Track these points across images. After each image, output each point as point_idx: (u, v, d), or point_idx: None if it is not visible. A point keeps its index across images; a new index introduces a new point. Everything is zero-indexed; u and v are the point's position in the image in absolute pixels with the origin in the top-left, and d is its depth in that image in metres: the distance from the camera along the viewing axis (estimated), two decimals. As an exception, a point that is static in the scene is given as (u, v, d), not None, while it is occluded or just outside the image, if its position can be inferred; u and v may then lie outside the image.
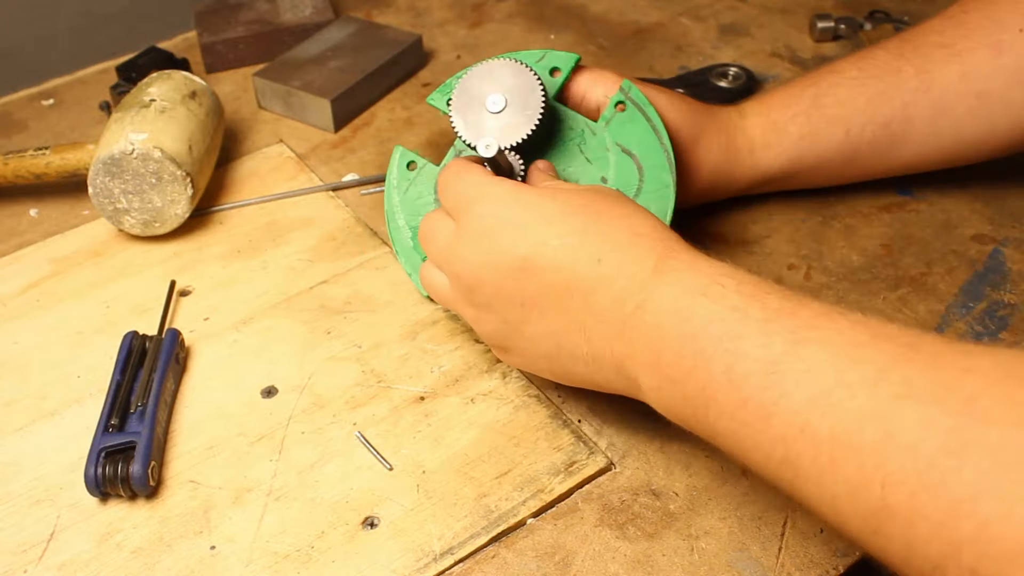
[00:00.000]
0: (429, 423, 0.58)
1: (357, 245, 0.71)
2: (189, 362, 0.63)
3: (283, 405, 0.59)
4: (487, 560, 0.51)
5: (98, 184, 0.68)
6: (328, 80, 0.83)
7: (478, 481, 0.55)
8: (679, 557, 0.51)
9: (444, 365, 0.62)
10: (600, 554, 0.51)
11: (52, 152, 0.73)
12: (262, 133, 0.84)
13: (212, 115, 0.75)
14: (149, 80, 0.75)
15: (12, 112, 0.88)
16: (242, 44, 0.91)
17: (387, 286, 0.68)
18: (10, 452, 0.57)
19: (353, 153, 0.81)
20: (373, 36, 0.89)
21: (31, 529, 0.53)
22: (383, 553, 0.51)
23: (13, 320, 0.66)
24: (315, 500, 0.54)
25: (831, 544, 0.51)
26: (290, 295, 0.67)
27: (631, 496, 0.54)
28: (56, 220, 0.75)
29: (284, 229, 0.73)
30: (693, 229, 0.71)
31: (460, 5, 1.00)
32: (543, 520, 0.53)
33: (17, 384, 0.62)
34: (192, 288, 0.68)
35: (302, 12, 0.93)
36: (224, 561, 0.51)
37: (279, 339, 0.64)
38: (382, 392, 0.60)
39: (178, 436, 0.58)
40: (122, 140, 0.67)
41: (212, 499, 0.54)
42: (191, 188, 0.69)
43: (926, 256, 0.68)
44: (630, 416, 0.58)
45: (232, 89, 0.89)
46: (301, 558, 0.51)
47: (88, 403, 0.60)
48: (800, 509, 0.53)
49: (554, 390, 0.60)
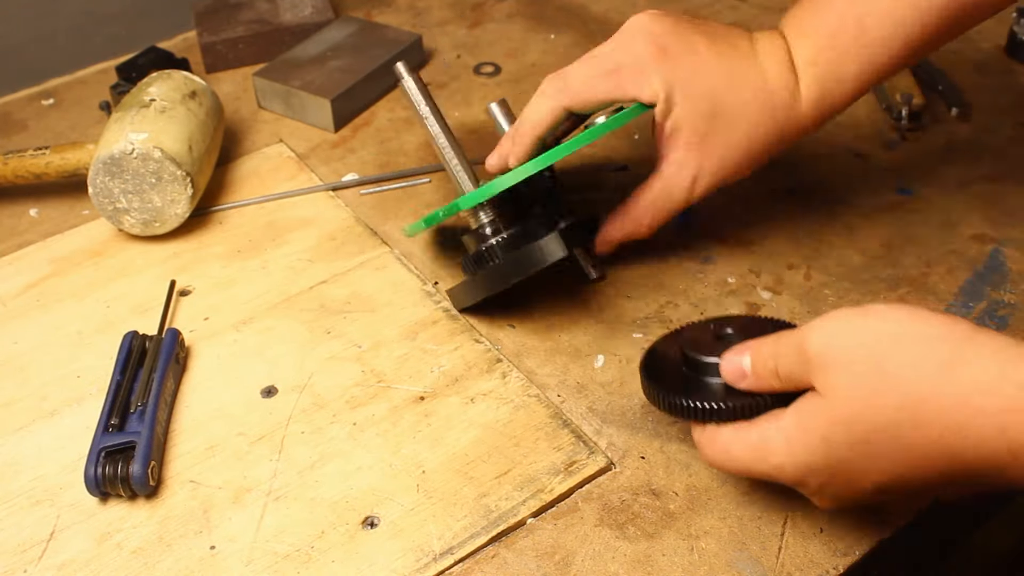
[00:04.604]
0: (429, 423, 0.58)
1: (357, 245, 0.71)
2: (189, 362, 0.63)
3: (283, 405, 0.59)
4: (487, 560, 0.51)
5: (98, 184, 0.68)
6: (328, 80, 0.83)
7: (478, 481, 0.55)
8: (679, 557, 0.51)
9: (444, 365, 0.62)
10: (600, 554, 0.51)
11: (52, 152, 0.73)
12: (262, 133, 0.84)
13: (212, 115, 0.75)
14: (149, 80, 0.75)
15: (12, 112, 0.88)
16: (242, 44, 0.91)
17: (387, 286, 0.68)
18: (10, 452, 0.57)
19: (353, 153, 0.81)
20: (373, 36, 0.89)
21: (31, 529, 0.53)
22: (383, 553, 0.51)
23: (13, 320, 0.66)
24: (315, 500, 0.54)
25: (831, 544, 0.51)
26: (290, 295, 0.67)
27: (631, 496, 0.54)
28: (56, 220, 0.75)
29: (284, 229, 0.73)
30: (694, 228, 0.71)
31: (460, 5, 1.00)
32: (543, 520, 0.53)
33: (17, 384, 0.62)
34: (192, 288, 0.68)
35: (302, 12, 0.93)
36: (224, 561, 0.51)
37: (279, 339, 0.64)
38: (382, 392, 0.60)
39: (178, 436, 0.58)
40: (122, 140, 0.67)
41: (212, 499, 0.54)
42: (191, 188, 0.69)
43: (926, 256, 0.68)
44: (630, 416, 0.58)
45: (232, 89, 0.89)
46: (301, 558, 0.51)
47: (88, 403, 0.60)
48: (800, 507, 0.53)
49: (554, 390, 0.60)
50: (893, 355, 0.43)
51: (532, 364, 0.62)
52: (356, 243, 0.72)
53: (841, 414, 0.44)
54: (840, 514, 0.52)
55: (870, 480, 0.45)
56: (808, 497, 0.49)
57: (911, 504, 0.53)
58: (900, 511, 0.53)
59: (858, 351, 0.44)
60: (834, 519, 0.52)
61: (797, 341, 0.46)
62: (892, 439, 0.43)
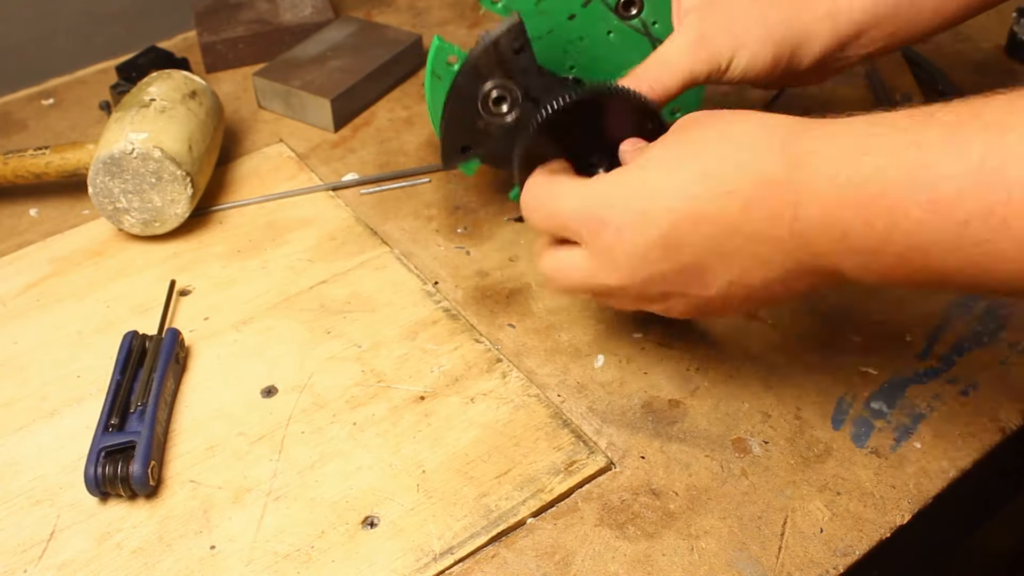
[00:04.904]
0: (429, 423, 0.58)
1: (357, 245, 0.71)
2: (189, 362, 0.63)
3: (283, 405, 0.59)
4: (487, 560, 0.51)
5: (98, 184, 0.68)
6: (328, 80, 0.83)
7: (478, 481, 0.55)
8: (679, 557, 0.51)
9: (444, 365, 0.62)
10: (600, 554, 0.51)
11: (52, 152, 0.73)
12: (262, 133, 0.84)
13: (212, 115, 0.75)
14: (149, 80, 0.75)
15: (12, 112, 0.88)
16: (242, 44, 0.91)
17: (387, 286, 0.68)
18: (10, 452, 0.57)
19: (353, 153, 0.81)
20: (373, 36, 0.89)
21: (31, 529, 0.53)
22: (383, 553, 0.51)
23: (13, 320, 0.66)
24: (315, 500, 0.54)
25: (831, 544, 0.51)
26: (290, 295, 0.67)
27: (631, 496, 0.54)
28: (56, 220, 0.75)
29: (284, 229, 0.73)
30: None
31: (460, 5, 1.00)
32: (543, 520, 0.53)
33: (17, 384, 0.62)
34: (192, 288, 0.68)
35: (302, 12, 0.93)
36: (224, 561, 0.51)
37: (279, 339, 0.64)
38: (382, 392, 0.60)
39: (178, 436, 0.58)
40: (122, 140, 0.67)
41: (212, 499, 0.54)
42: (191, 188, 0.69)
43: (926, 256, 0.68)
44: (630, 416, 0.58)
45: (232, 89, 0.89)
46: (301, 558, 0.51)
47: (88, 403, 0.60)
48: (800, 507, 0.53)
49: (554, 390, 0.60)
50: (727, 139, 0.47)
51: (532, 364, 0.62)
52: (356, 243, 0.72)
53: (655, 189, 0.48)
54: (840, 514, 0.52)
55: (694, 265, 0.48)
56: (661, 313, 0.53)
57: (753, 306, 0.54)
58: (899, 510, 0.53)
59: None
60: (834, 519, 0.52)
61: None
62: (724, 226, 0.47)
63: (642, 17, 0.65)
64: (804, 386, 0.60)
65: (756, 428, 0.57)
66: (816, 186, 0.43)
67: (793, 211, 0.44)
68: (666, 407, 0.59)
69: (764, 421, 0.58)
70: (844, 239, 0.43)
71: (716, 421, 0.58)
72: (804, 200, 0.44)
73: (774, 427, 0.57)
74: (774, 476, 0.55)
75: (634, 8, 0.64)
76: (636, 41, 0.65)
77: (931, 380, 0.60)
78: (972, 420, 0.57)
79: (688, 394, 0.59)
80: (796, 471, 0.55)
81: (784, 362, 0.61)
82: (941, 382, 0.60)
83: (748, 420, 0.58)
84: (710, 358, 0.62)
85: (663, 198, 0.48)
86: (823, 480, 0.54)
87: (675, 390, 0.60)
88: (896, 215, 0.41)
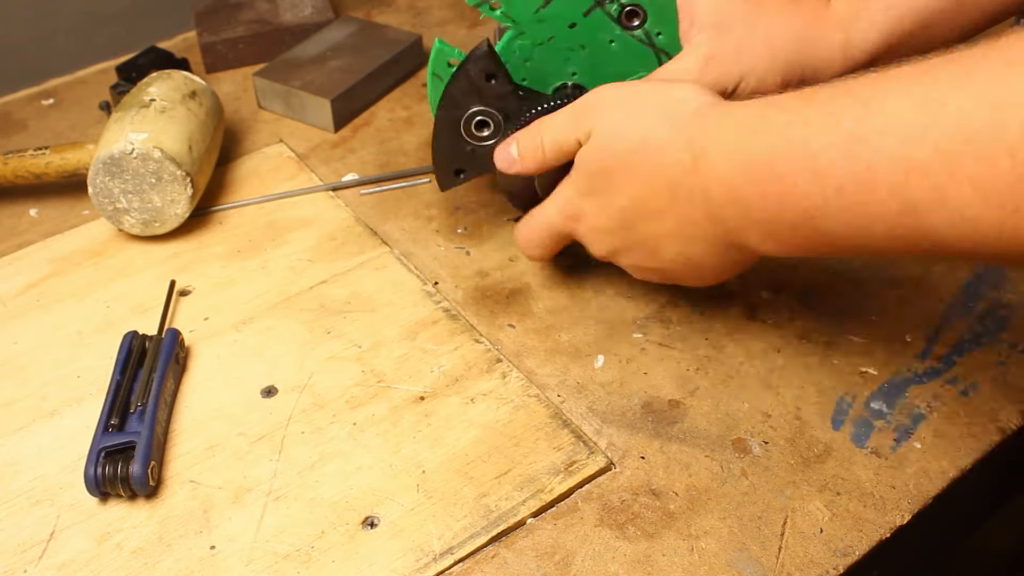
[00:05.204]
0: (429, 423, 0.58)
1: (357, 245, 0.71)
2: (189, 362, 0.63)
3: (283, 405, 0.59)
4: (487, 560, 0.51)
5: (98, 184, 0.68)
6: (328, 80, 0.83)
7: (478, 481, 0.55)
8: (679, 557, 0.51)
9: (444, 365, 0.62)
10: (600, 554, 0.51)
11: (52, 152, 0.73)
12: (262, 133, 0.84)
13: (212, 115, 0.75)
14: (149, 80, 0.75)
15: (12, 112, 0.88)
16: (242, 44, 0.91)
17: (387, 286, 0.68)
18: (10, 452, 0.57)
19: (353, 153, 0.81)
20: (373, 36, 0.89)
21: (31, 529, 0.53)
22: (383, 553, 0.51)
23: (13, 320, 0.66)
24: (315, 500, 0.54)
25: (831, 544, 0.51)
26: (290, 295, 0.67)
27: (631, 496, 0.54)
28: (56, 220, 0.75)
29: (284, 229, 0.73)
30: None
31: (460, 5, 1.00)
32: (543, 520, 0.53)
33: (17, 384, 0.62)
34: (192, 288, 0.68)
35: (302, 12, 0.93)
36: (224, 561, 0.51)
37: (279, 339, 0.64)
38: (382, 392, 0.60)
39: (178, 436, 0.58)
40: (122, 140, 0.67)
41: (212, 499, 0.54)
42: (191, 188, 0.69)
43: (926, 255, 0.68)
44: (630, 416, 0.58)
45: (232, 89, 0.89)
46: (301, 558, 0.51)
47: (88, 403, 0.60)
48: (800, 507, 0.53)
49: (554, 390, 0.60)
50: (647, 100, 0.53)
51: (532, 364, 0.62)
52: (356, 243, 0.72)
53: (598, 152, 0.54)
54: (840, 514, 0.52)
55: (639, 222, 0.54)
56: (624, 267, 0.59)
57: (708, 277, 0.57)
58: (899, 510, 0.53)
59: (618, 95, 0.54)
60: (834, 519, 0.52)
61: (571, 104, 0.56)
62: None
63: (646, 28, 0.64)
64: (804, 386, 0.60)
65: (756, 428, 0.57)
66: (719, 168, 0.49)
67: (704, 194, 0.50)
68: (666, 407, 0.59)
69: (764, 421, 0.58)
70: (747, 213, 0.49)
71: (716, 421, 0.58)
72: (711, 184, 0.50)
73: (774, 427, 0.57)
74: (774, 476, 0.55)
75: (637, 19, 0.64)
76: (639, 51, 0.65)
77: (931, 380, 0.60)
78: (972, 420, 0.57)
79: (688, 394, 0.59)
80: (796, 471, 0.55)
81: (784, 362, 0.61)
82: (941, 382, 0.60)
83: (748, 420, 0.58)
84: (710, 358, 0.62)
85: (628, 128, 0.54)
86: (823, 480, 0.54)
87: (675, 390, 0.60)
88: (786, 185, 0.45)
